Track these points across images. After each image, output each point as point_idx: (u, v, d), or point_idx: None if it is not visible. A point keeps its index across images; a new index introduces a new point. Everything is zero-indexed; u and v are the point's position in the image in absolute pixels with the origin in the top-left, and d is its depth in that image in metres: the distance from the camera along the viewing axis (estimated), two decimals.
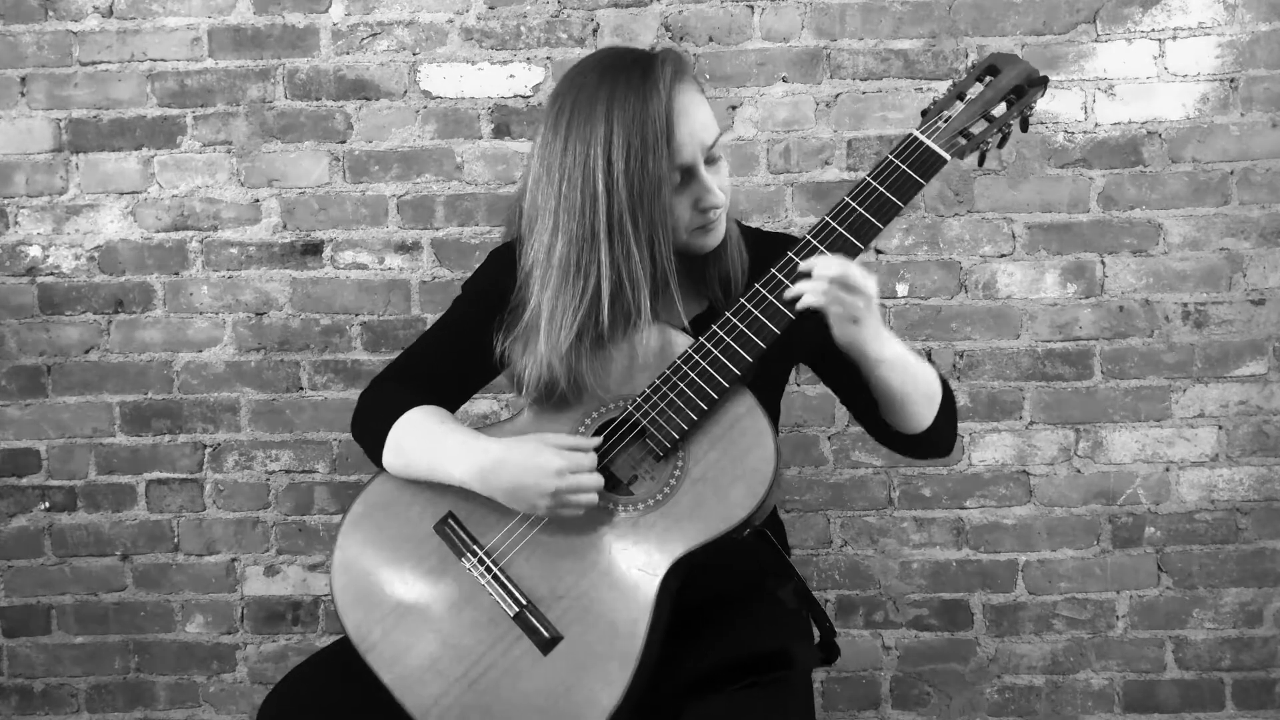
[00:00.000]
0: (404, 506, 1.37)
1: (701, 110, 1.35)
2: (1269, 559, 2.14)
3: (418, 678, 1.29)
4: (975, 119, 1.32)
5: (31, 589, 2.23)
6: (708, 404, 1.28)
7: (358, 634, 1.33)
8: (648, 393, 1.31)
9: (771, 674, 1.33)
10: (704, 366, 1.29)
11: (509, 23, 2.13)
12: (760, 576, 1.43)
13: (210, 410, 2.20)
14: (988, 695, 2.18)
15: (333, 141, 2.16)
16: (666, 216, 1.32)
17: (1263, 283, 2.11)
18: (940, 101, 1.34)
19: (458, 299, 1.52)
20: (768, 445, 1.27)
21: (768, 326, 1.29)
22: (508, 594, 1.29)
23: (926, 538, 2.17)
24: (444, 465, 1.33)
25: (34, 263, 2.19)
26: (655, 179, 1.30)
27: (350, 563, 1.36)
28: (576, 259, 1.32)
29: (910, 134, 1.31)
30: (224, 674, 2.23)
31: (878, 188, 1.29)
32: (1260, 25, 2.08)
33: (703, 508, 1.27)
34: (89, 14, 2.15)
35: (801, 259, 1.28)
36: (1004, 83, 1.33)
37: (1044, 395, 2.14)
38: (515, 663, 1.28)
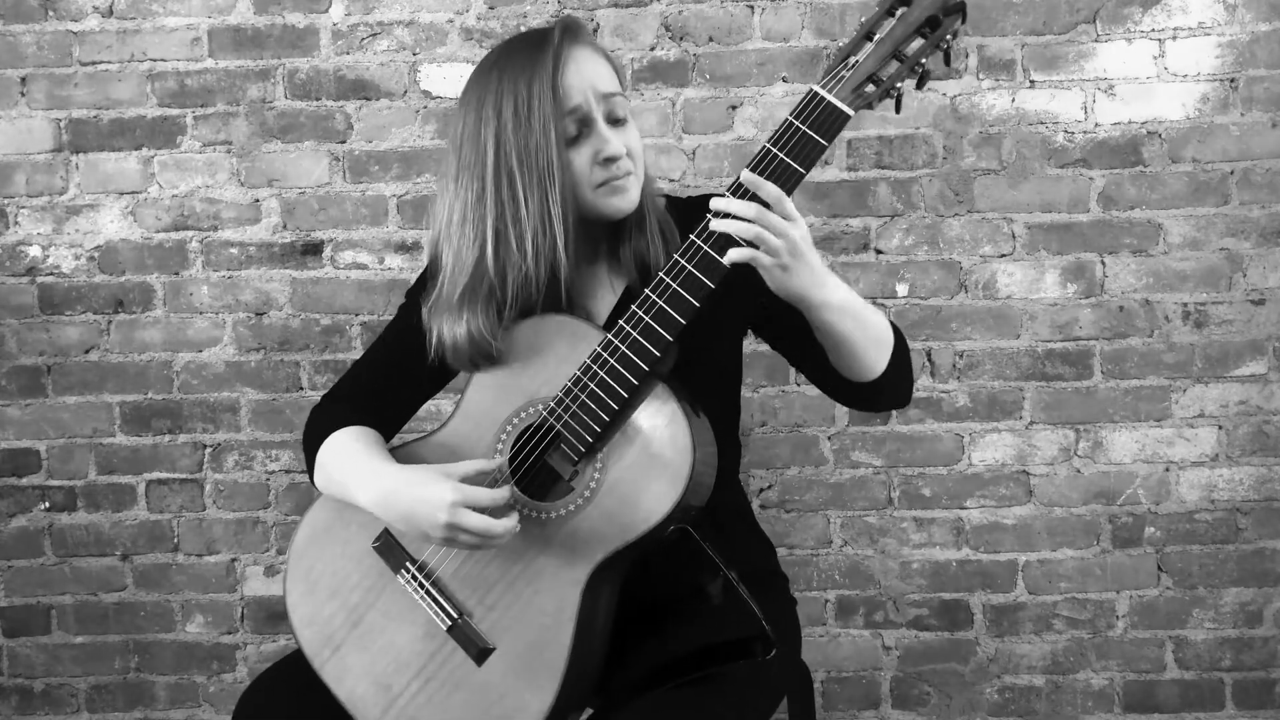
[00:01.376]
0: (345, 525, 1.38)
1: (597, 64, 1.33)
2: (1269, 559, 2.14)
3: (366, 692, 1.32)
4: (885, 61, 1.18)
5: (31, 589, 2.23)
6: (618, 403, 1.24)
7: (311, 650, 1.36)
8: (561, 395, 1.27)
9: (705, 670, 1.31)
10: (612, 364, 1.24)
11: (509, 23, 2.13)
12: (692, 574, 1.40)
13: (210, 410, 2.20)
14: (988, 695, 2.18)
15: (333, 141, 2.16)
16: (555, 165, 1.29)
17: (1263, 283, 2.11)
18: (847, 45, 1.20)
19: (400, 307, 1.51)
20: (683, 440, 1.23)
21: (672, 315, 1.22)
22: (441, 607, 1.30)
23: (926, 538, 2.17)
24: (352, 491, 1.34)
25: (34, 263, 2.19)
26: (541, 122, 1.28)
27: (300, 581, 1.39)
28: (468, 213, 1.33)
29: (810, 89, 1.19)
30: (224, 674, 2.23)
31: (778, 154, 1.19)
32: (1260, 25, 2.08)
33: (622, 509, 1.25)
34: (89, 14, 2.15)
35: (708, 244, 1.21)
36: (915, 14, 1.17)
37: (1044, 395, 2.14)
38: (452, 674, 1.29)
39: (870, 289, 2.13)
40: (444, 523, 1.23)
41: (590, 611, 1.27)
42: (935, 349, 2.15)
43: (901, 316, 2.14)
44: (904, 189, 2.13)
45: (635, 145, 1.36)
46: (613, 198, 1.34)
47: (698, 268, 1.22)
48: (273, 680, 1.40)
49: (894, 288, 2.14)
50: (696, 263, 1.22)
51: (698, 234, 1.22)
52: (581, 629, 1.26)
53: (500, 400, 1.33)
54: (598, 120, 1.32)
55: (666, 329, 1.23)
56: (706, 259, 1.21)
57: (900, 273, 2.14)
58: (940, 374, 2.15)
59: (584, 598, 1.26)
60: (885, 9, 1.20)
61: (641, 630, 1.37)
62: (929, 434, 2.16)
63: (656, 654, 1.35)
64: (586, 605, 1.26)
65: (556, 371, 1.30)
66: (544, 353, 1.32)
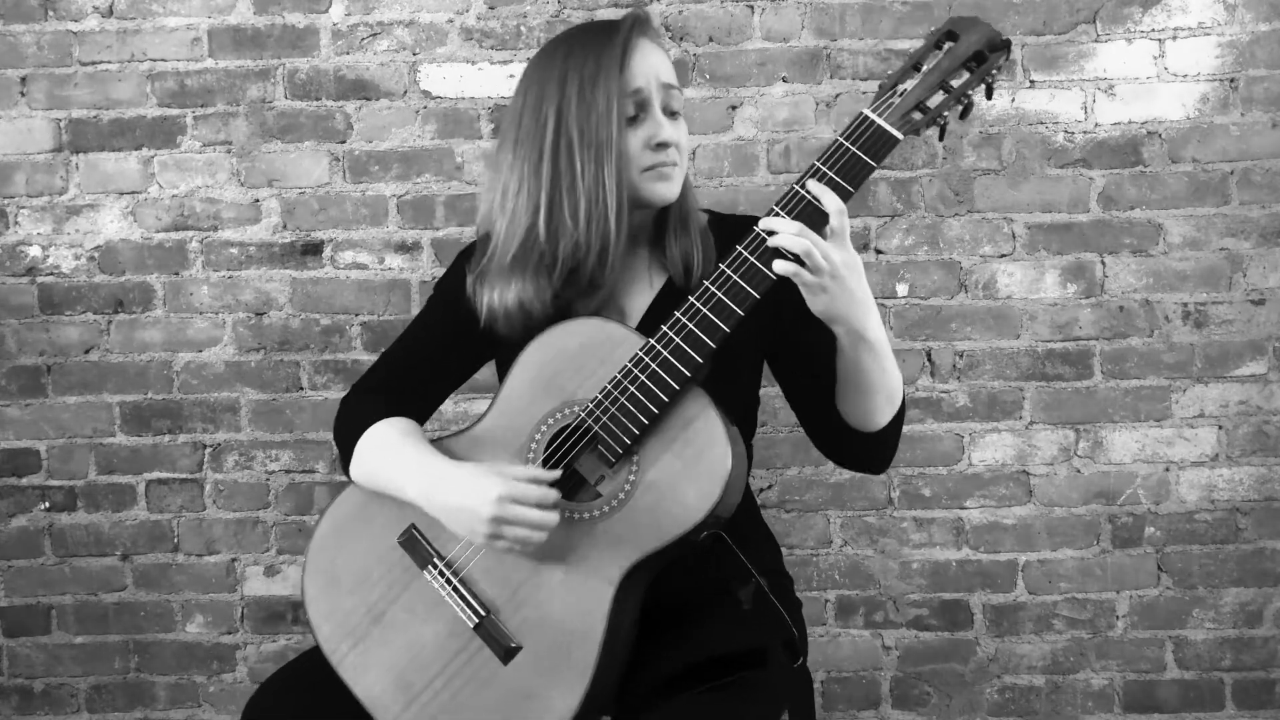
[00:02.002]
0: (369, 519, 1.37)
1: (662, 57, 1.38)
2: (1269, 559, 2.14)
3: (385, 690, 1.31)
4: (933, 91, 1.23)
5: (31, 589, 2.23)
6: (658, 408, 1.26)
7: (329, 646, 1.35)
8: (599, 397, 1.28)
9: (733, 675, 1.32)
10: (654, 369, 1.26)
11: (509, 23, 2.13)
12: (723, 580, 1.42)
13: (210, 410, 2.20)
14: (988, 695, 2.18)
15: (333, 141, 2.16)
16: (613, 139, 1.32)
17: (1263, 283, 2.11)
18: (895, 74, 1.25)
19: (429, 299, 1.53)
20: (721, 446, 1.25)
21: (716, 323, 1.25)
22: (468, 605, 1.29)
23: (926, 538, 2.17)
24: (398, 481, 1.34)
25: (34, 263, 2.19)
26: (605, 97, 1.32)
27: (320, 575, 1.38)
28: (525, 181, 1.36)
29: (861, 113, 1.24)
30: (224, 674, 2.23)
31: (826, 172, 1.23)
32: (1260, 25, 2.08)
33: (657, 512, 1.26)
34: (89, 14, 2.15)
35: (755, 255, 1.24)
36: (962, 49, 1.23)
37: (1044, 395, 2.14)
38: (477, 673, 1.28)
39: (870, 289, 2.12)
40: (491, 515, 1.24)
41: (620, 613, 1.27)
42: (935, 349, 2.15)
43: (901, 316, 2.14)
44: (904, 189, 2.13)
45: (684, 140, 1.40)
46: (658, 183, 1.37)
47: (743, 278, 1.24)
48: (281, 682, 1.39)
49: (894, 288, 2.14)
50: (743, 273, 1.25)
51: (745, 245, 1.25)
52: (611, 630, 1.26)
53: (536, 400, 1.34)
54: (655, 106, 1.36)
55: (710, 336, 1.25)
56: (753, 269, 1.24)
57: (900, 273, 2.14)
58: (940, 374, 2.15)
59: (615, 599, 1.26)
60: (933, 42, 1.25)
61: (667, 633, 1.37)
62: (929, 434, 2.16)
63: (681, 658, 1.34)
64: (617, 606, 1.26)
65: (594, 374, 1.31)
66: (581, 355, 1.32)
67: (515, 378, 1.35)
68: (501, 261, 1.39)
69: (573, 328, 1.34)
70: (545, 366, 1.34)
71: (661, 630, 1.36)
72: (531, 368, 1.35)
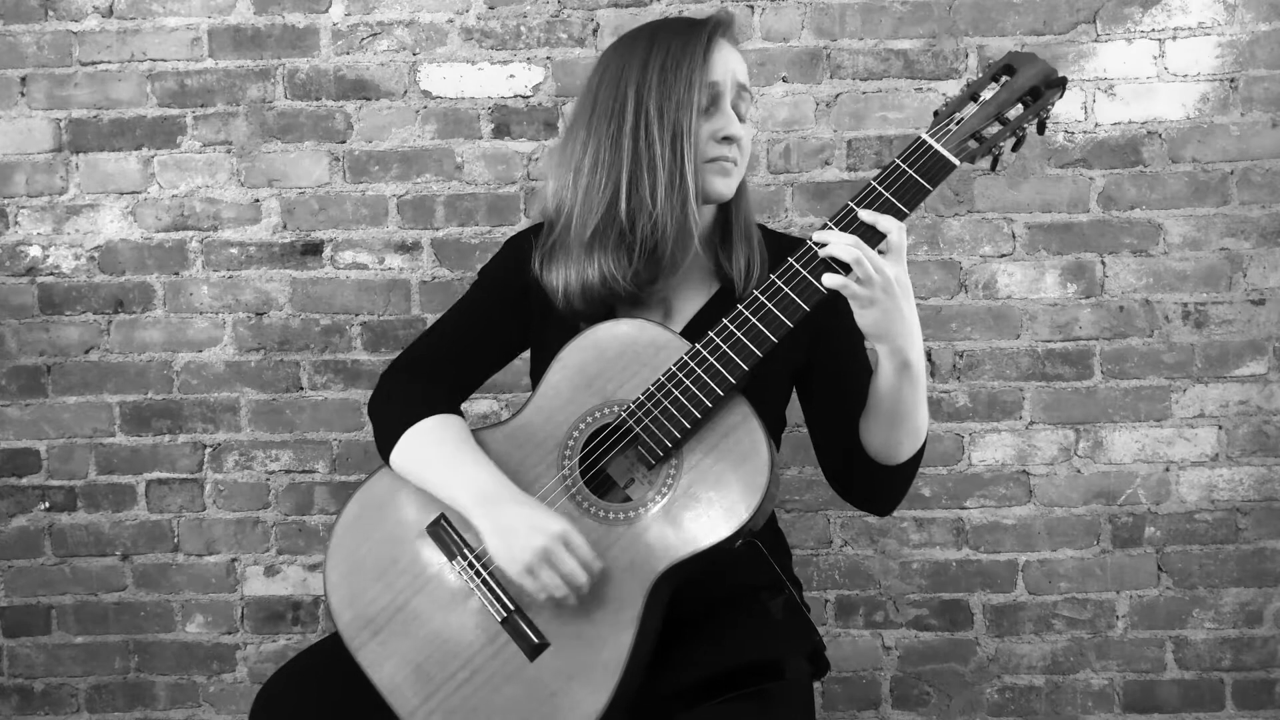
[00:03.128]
0: (398, 507, 1.36)
1: (741, 60, 1.40)
2: (1269, 559, 2.14)
3: (405, 679, 1.30)
4: (989, 121, 1.27)
5: (31, 589, 2.23)
6: (701, 413, 1.26)
7: (349, 633, 1.33)
8: (642, 399, 1.29)
9: (758, 685, 1.32)
10: (699, 374, 1.27)
11: (509, 23, 2.13)
12: (752, 588, 1.42)
13: (210, 410, 2.20)
14: (988, 695, 2.18)
15: (333, 141, 2.16)
16: (691, 122, 1.34)
17: (1263, 283, 2.11)
18: (953, 102, 1.29)
19: (474, 284, 1.53)
20: (762, 455, 1.25)
21: (765, 333, 1.26)
22: (496, 598, 1.29)
23: (926, 538, 2.17)
24: (451, 486, 1.32)
25: (34, 263, 2.19)
26: (686, 81, 1.34)
27: (343, 561, 1.36)
28: (601, 156, 1.37)
29: (918, 137, 1.27)
30: (224, 674, 2.23)
31: (883, 193, 1.25)
32: (1260, 25, 2.08)
33: (694, 519, 1.26)
34: (89, 14, 2.15)
35: (806, 268, 1.25)
36: (1020, 83, 1.27)
37: (1044, 395, 2.14)
38: (502, 667, 1.28)
39: None
40: (541, 546, 1.23)
41: (650, 616, 1.26)
42: (935, 349, 2.15)
43: None
44: None
45: (747, 143, 1.41)
46: (717, 177, 1.38)
47: (794, 290, 1.26)
48: (297, 668, 1.39)
49: None
50: (794, 285, 1.26)
51: (796, 257, 1.26)
52: (641, 633, 1.25)
53: (575, 397, 1.34)
54: (724, 102, 1.37)
55: (758, 346, 1.26)
56: (804, 282, 1.25)
57: None
58: (940, 374, 2.15)
59: (648, 601, 1.25)
60: (991, 75, 1.29)
61: (692, 638, 1.36)
62: (929, 434, 2.15)
63: (711, 665, 1.34)
64: (649, 609, 1.26)
65: (636, 375, 1.31)
66: (623, 356, 1.33)
67: (554, 374, 1.35)
68: (580, 238, 1.39)
69: (615, 329, 1.34)
70: (586, 366, 1.34)
71: (687, 634, 1.36)
72: (572, 366, 1.35)
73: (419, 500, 1.35)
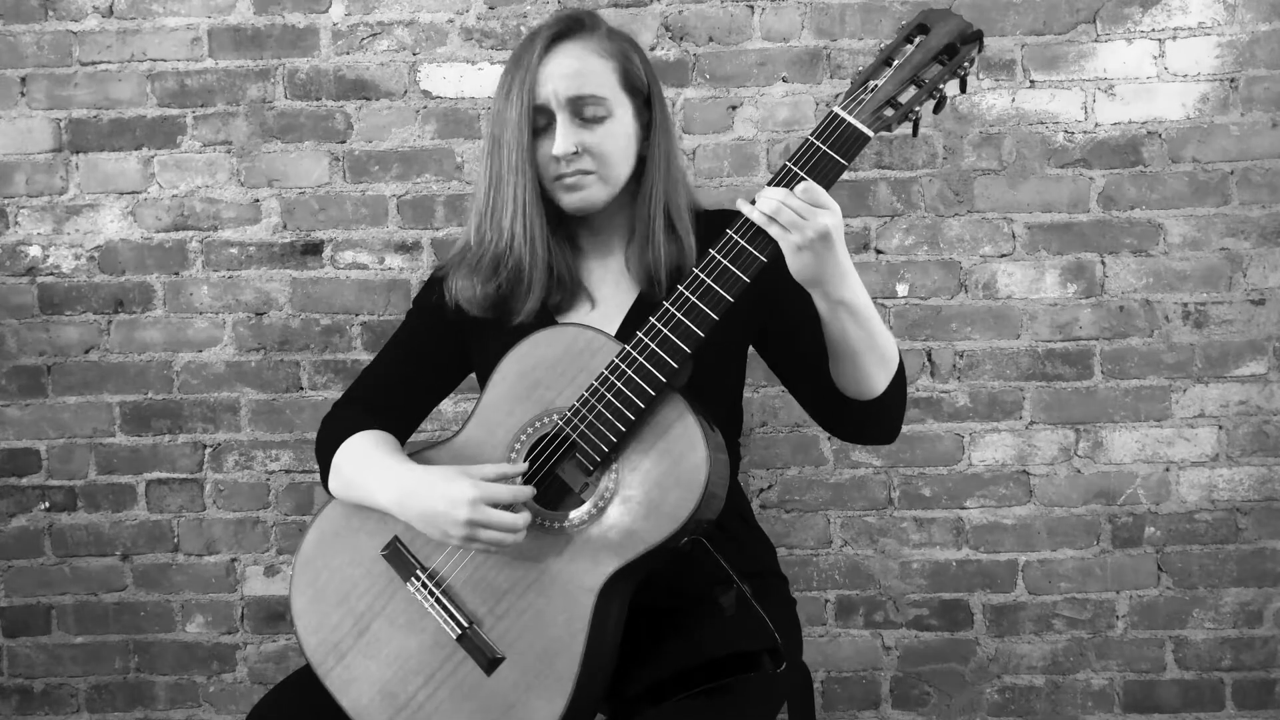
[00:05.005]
0: (353, 532, 1.38)
1: (577, 62, 1.38)
2: (1269, 559, 2.14)
3: (372, 701, 1.32)
4: (904, 86, 1.22)
5: (31, 589, 2.23)
6: (635, 414, 1.25)
7: (316, 658, 1.35)
8: (577, 405, 1.29)
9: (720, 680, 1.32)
10: (630, 375, 1.26)
11: (509, 23, 2.13)
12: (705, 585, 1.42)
13: (210, 410, 2.20)
14: (988, 695, 2.18)
15: (333, 141, 2.16)
16: (524, 150, 1.37)
17: (1263, 283, 2.11)
18: (866, 70, 1.24)
19: (409, 313, 1.56)
20: (699, 452, 1.24)
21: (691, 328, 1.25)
22: (450, 616, 1.30)
23: (926, 538, 2.17)
24: (372, 491, 1.35)
25: (34, 263, 2.19)
26: (516, 110, 1.37)
27: (307, 588, 1.38)
28: (479, 181, 1.44)
29: (830, 110, 1.23)
30: (224, 674, 2.23)
31: (797, 172, 1.23)
32: (1260, 25, 2.08)
33: (635, 521, 1.26)
34: (89, 14, 2.15)
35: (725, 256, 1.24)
36: (934, 42, 1.22)
37: (1044, 395, 2.14)
38: (461, 683, 1.29)
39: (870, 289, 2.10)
40: (465, 519, 1.24)
41: (602, 621, 1.27)
42: (935, 349, 2.15)
43: (901, 316, 2.14)
44: (904, 189, 2.13)
45: (605, 146, 1.39)
46: (564, 194, 1.40)
47: (715, 280, 1.24)
48: (278, 698, 1.39)
49: (894, 288, 2.14)
50: (714, 275, 1.24)
51: (717, 249, 1.25)
52: (593, 639, 1.26)
53: (515, 409, 1.34)
54: (557, 118, 1.37)
55: (685, 341, 1.25)
56: (724, 271, 1.24)
57: (900, 273, 2.14)
58: (940, 374, 2.15)
59: (597, 607, 1.26)
60: (904, 36, 1.23)
61: (651, 640, 1.37)
62: (929, 434, 2.16)
63: (667, 664, 1.35)
64: (599, 615, 1.26)
65: (572, 382, 1.31)
66: (561, 363, 1.33)
67: (494, 387, 1.36)
68: (459, 259, 1.46)
69: (551, 336, 1.35)
70: (525, 376, 1.34)
71: (648, 634, 1.36)
72: (510, 377, 1.35)
73: (373, 524, 1.36)
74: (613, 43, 1.41)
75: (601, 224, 1.46)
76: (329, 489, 1.42)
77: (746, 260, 1.24)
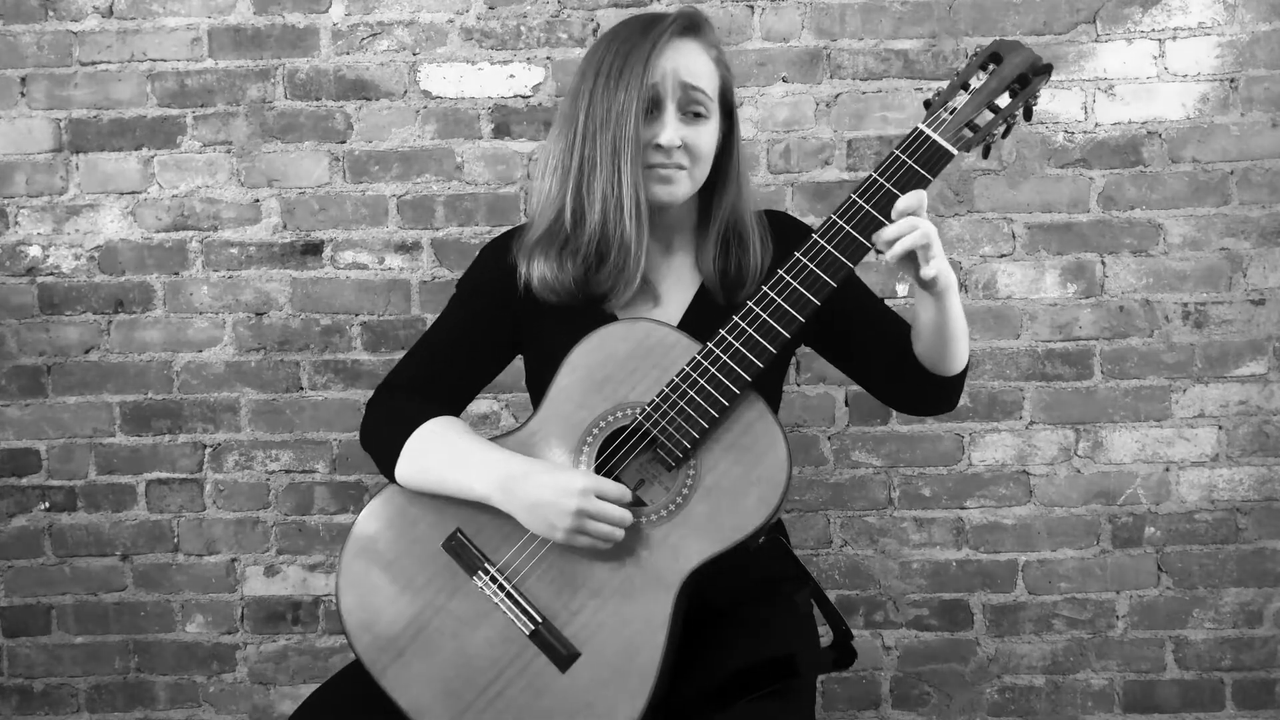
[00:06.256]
0: (410, 524, 1.34)
1: (694, 58, 1.38)
2: (1269, 559, 2.14)
3: (434, 700, 1.28)
4: (980, 110, 1.28)
5: (31, 589, 2.23)
6: (718, 412, 1.26)
7: (369, 657, 1.31)
8: (657, 401, 1.28)
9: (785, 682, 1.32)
10: (714, 373, 1.27)
11: (509, 23, 2.13)
12: (775, 582, 1.42)
13: (210, 410, 2.20)
14: (988, 695, 2.18)
15: (333, 141, 2.16)
16: (628, 134, 1.34)
17: (1263, 283, 2.11)
18: (944, 93, 1.29)
19: (453, 297, 1.52)
20: (780, 451, 1.26)
21: (777, 329, 1.27)
22: (522, 611, 1.27)
23: (926, 538, 2.17)
24: (465, 478, 1.31)
25: (34, 263, 2.19)
26: (625, 90, 1.34)
27: (357, 583, 1.33)
28: (558, 163, 1.40)
29: (916, 128, 1.28)
30: (224, 674, 2.23)
31: (885, 184, 1.27)
32: (1260, 25, 2.08)
33: (717, 517, 1.26)
34: (89, 14, 2.15)
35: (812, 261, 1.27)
36: (1007, 71, 1.28)
37: (1044, 395, 2.14)
38: (533, 680, 1.26)
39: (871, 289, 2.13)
40: (575, 508, 1.23)
41: (678, 617, 1.26)
42: None
43: None
44: None
45: (701, 144, 1.40)
46: (655, 185, 1.38)
47: (803, 284, 1.27)
48: (320, 702, 1.34)
49: (894, 288, 2.14)
50: (802, 279, 1.27)
51: (804, 252, 1.28)
52: (671, 635, 1.25)
53: (587, 402, 1.33)
54: (666, 105, 1.37)
55: (771, 341, 1.27)
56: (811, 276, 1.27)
57: (900, 273, 2.13)
58: None
59: (676, 603, 1.25)
60: (979, 64, 1.29)
61: (718, 634, 1.36)
62: (929, 434, 2.16)
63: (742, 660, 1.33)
64: (676, 612, 1.25)
65: (647, 376, 1.31)
66: (633, 357, 1.32)
67: (564, 378, 1.34)
68: (530, 240, 1.42)
69: (623, 330, 1.34)
70: (596, 369, 1.33)
71: (711, 630, 1.36)
72: (580, 369, 1.33)
73: (430, 516, 1.34)
74: (718, 51, 1.44)
75: (669, 220, 1.45)
76: (394, 477, 1.37)
77: (835, 267, 1.28)
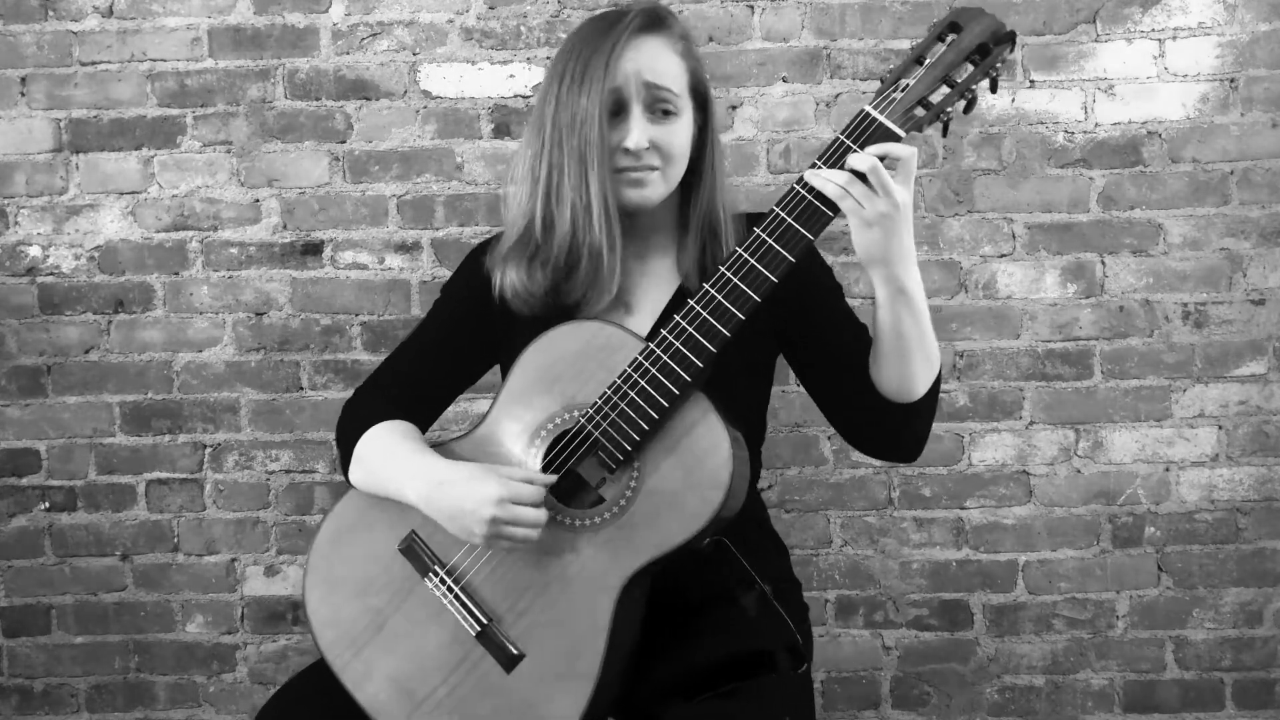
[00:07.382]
0: (369, 525, 1.37)
1: (657, 55, 1.34)
2: (1269, 559, 2.14)
3: (389, 697, 1.31)
4: (935, 85, 1.18)
5: (31, 589, 2.23)
6: (659, 413, 1.24)
7: (331, 653, 1.34)
8: (599, 403, 1.27)
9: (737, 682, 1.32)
10: (654, 373, 1.25)
11: (509, 23, 2.13)
12: (726, 585, 1.41)
13: (210, 410, 2.20)
14: (988, 695, 2.18)
15: (333, 141, 2.16)
16: (595, 139, 1.31)
17: (1263, 283, 2.11)
18: (897, 68, 1.20)
19: (436, 301, 1.53)
20: (723, 453, 1.24)
21: (717, 327, 1.23)
22: (469, 613, 1.29)
23: (926, 538, 2.17)
24: (399, 484, 1.33)
25: (34, 263, 2.19)
26: (589, 95, 1.31)
27: (321, 583, 1.37)
28: (528, 170, 1.38)
29: (862, 109, 1.20)
30: (224, 674, 2.23)
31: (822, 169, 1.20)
32: (1260, 25, 2.08)
33: (658, 519, 1.25)
34: (89, 14, 2.15)
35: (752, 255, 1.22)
36: (966, 41, 1.18)
37: (1044, 395, 2.14)
38: (480, 681, 1.28)
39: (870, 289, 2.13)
40: (490, 517, 1.24)
41: (622, 619, 1.26)
42: None
43: None
44: None
45: (673, 142, 1.36)
46: (626, 189, 1.36)
47: (742, 279, 1.23)
48: (291, 693, 1.38)
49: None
50: (742, 275, 1.23)
51: (744, 247, 1.23)
52: (614, 637, 1.25)
53: (535, 402, 1.33)
54: (632, 107, 1.34)
55: (711, 340, 1.24)
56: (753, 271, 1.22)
57: None
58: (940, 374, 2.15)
59: (618, 605, 1.25)
60: (935, 35, 1.20)
61: (671, 636, 1.36)
62: None
63: (686, 663, 1.34)
64: (619, 613, 1.26)
65: (594, 378, 1.30)
66: (582, 358, 1.32)
67: (515, 380, 1.35)
68: (503, 247, 1.41)
69: (572, 330, 1.34)
70: (546, 370, 1.33)
71: (665, 633, 1.36)
72: (531, 370, 1.34)
73: (390, 517, 1.35)
74: (685, 44, 1.39)
75: (647, 222, 1.43)
76: (349, 479, 1.41)
77: (774, 260, 1.22)
